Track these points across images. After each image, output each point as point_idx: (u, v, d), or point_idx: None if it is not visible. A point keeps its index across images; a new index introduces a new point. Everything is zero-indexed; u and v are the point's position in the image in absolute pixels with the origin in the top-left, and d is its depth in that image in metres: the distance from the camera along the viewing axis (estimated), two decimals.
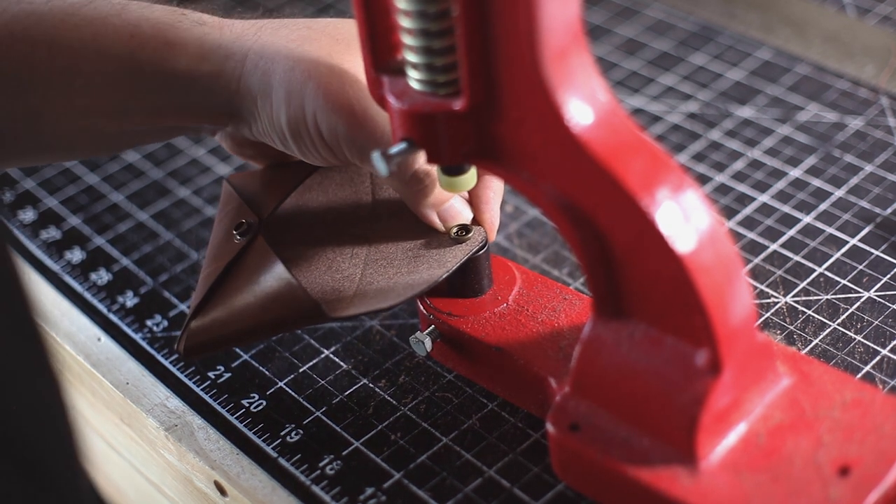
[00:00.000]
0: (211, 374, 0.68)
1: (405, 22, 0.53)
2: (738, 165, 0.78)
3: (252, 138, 0.64)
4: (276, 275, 0.62)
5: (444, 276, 0.62)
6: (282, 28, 0.62)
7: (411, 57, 0.54)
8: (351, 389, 0.66)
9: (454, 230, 0.64)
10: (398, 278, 0.62)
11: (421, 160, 0.56)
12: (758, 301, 0.68)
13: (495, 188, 0.65)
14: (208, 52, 0.61)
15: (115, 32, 0.61)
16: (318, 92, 0.59)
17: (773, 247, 0.72)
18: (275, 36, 0.62)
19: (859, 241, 0.71)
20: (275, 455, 0.63)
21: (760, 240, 0.72)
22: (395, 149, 0.55)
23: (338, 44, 0.61)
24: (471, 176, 0.60)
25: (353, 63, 0.60)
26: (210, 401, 0.66)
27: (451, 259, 0.63)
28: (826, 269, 0.70)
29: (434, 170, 0.61)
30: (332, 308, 0.61)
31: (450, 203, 0.64)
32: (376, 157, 0.55)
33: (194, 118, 0.64)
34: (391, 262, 0.63)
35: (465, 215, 0.64)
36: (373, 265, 0.63)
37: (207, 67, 0.61)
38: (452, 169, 0.59)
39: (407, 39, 0.53)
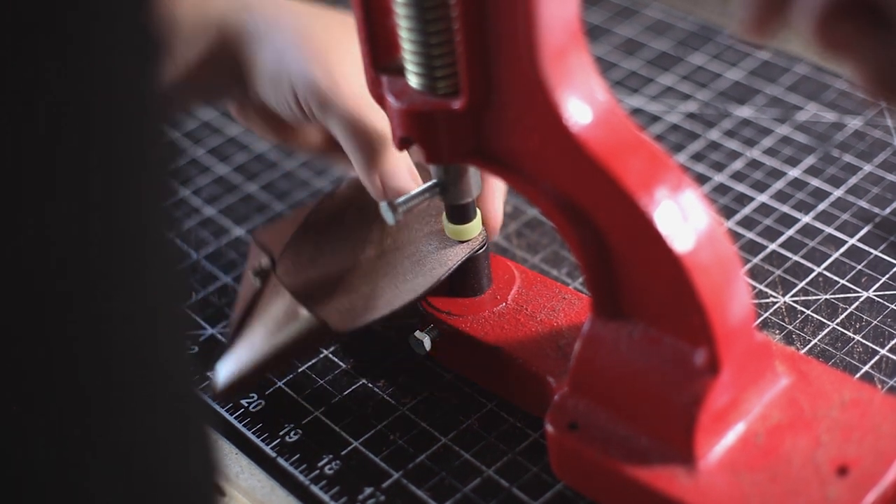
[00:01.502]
0: (210, 375, 0.68)
1: (404, 21, 0.53)
2: (737, 165, 0.78)
3: (255, 98, 0.67)
4: (283, 303, 0.63)
5: (445, 275, 0.62)
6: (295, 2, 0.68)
7: (410, 56, 0.54)
8: (350, 389, 0.66)
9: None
10: (404, 285, 0.62)
11: (374, 117, 0.61)
12: (756, 301, 0.68)
13: (497, 186, 0.66)
14: (236, 6, 0.65)
15: None
16: (306, 57, 0.63)
17: (772, 246, 0.72)
18: (293, 3, 0.67)
19: (858, 240, 0.71)
20: (274, 455, 0.63)
21: (759, 239, 0.72)
22: (401, 199, 0.57)
23: (343, 24, 0.65)
24: (476, 223, 0.62)
25: (349, 46, 0.63)
26: (209, 401, 0.66)
27: (453, 257, 0.63)
28: (825, 268, 0.70)
29: (387, 135, 0.62)
30: (338, 324, 0.62)
31: (394, 168, 0.63)
32: (384, 207, 0.58)
33: (210, 74, 0.66)
34: (398, 271, 0.63)
35: (407, 184, 0.63)
36: (382, 279, 0.63)
37: (231, 21, 0.65)
38: (458, 218, 0.62)
39: (406, 39, 0.53)
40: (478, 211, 0.63)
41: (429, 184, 0.59)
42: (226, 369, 0.64)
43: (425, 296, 0.63)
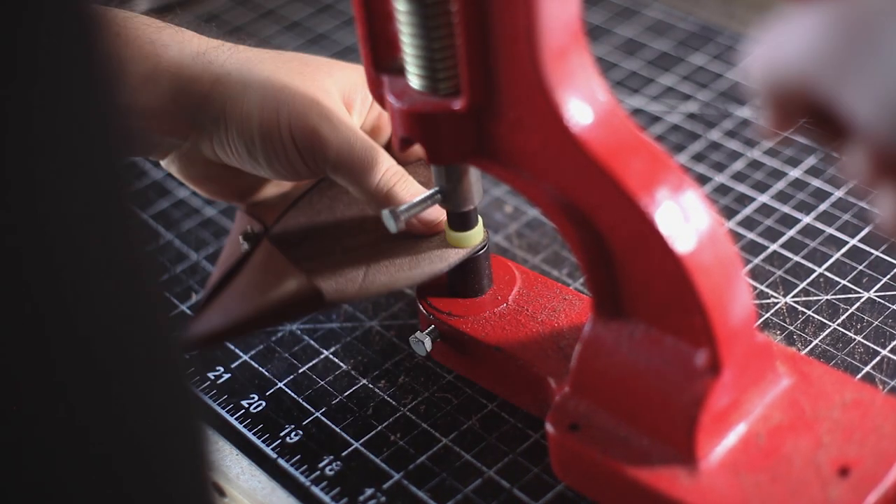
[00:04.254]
0: (210, 375, 0.68)
1: (404, 22, 0.53)
2: (738, 166, 0.78)
3: (211, 155, 0.64)
4: (276, 265, 0.63)
5: (444, 270, 0.62)
6: (255, 48, 0.65)
7: (411, 57, 0.54)
8: (350, 390, 0.66)
9: None
10: (400, 275, 0.63)
11: (385, 160, 0.60)
12: (757, 301, 0.68)
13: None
14: (189, 56, 0.62)
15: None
16: (295, 101, 0.61)
17: (773, 247, 0.72)
18: (250, 51, 0.64)
19: (859, 241, 0.71)
20: (274, 456, 0.63)
21: (760, 240, 0.72)
22: (403, 207, 0.57)
23: (307, 65, 0.63)
24: (478, 230, 0.62)
25: (323, 80, 0.62)
26: (210, 401, 0.66)
27: (454, 255, 0.63)
28: (826, 269, 0.70)
29: (397, 166, 0.62)
30: (332, 295, 0.62)
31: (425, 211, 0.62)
32: (386, 214, 0.58)
33: (161, 124, 0.63)
34: (393, 261, 0.63)
35: (441, 213, 0.63)
36: (376, 266, 0.63)
37: (187, 72, 0.62)
38: (459, 225, 0.62)
39: (406, 39, 0.53)
40: (479, 218, 0.63)
41: (430, 192, 0.59)
42: (204, 320, 0.63)
43: (420, 283, 0.64)
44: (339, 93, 0.63)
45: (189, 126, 0.63)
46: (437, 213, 0.63)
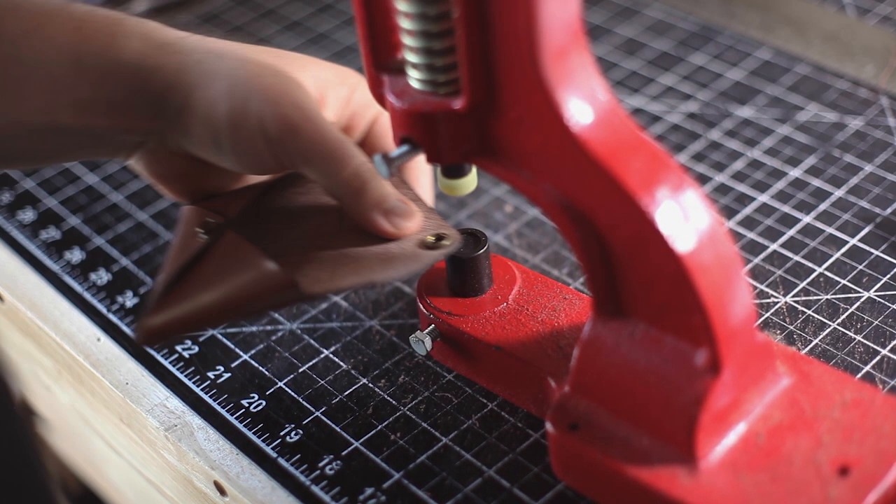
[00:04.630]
0: (210, 374, 0.68)
1: (405, 22, 0.53)
2: (738, 165, 0.78)
3: (175, 147, 0.62)
4: (247, 256, 0.60)
5: (420, 270, 0.60)
6: (223, 39, 0.63)
7: (411, 56, 0.54)
8: (350, 389, 0.66)
9: (429, 239, 0.60)
10: (374, 275, 0.60)
11: (358, 154, 0.57)
12: (757, 301, 0.68)
13: (421, 167, 0.65)
14: (153, 46, 0.61)
15: (61, 25, 0.61)
16: (267, 90, 0.59)
17: (773, 247, 0.72)
18: (220, 42, 0.62)
19: (859, 241, 0.71)
20: (274, 455, 0.63)
21: (760, 240, 0.72)
22: (396, 151, 0.55)
23: (280, 58, 0.62)
24: (472, 178, 0.59)
25: (297, 73, 0.61)
26: (210, 401, 0.66)
27: (429, 257, 0.60)
28: (826, 269, 0.70)
29: (370, 163, 0.59)
30: (306, 287, 0.58)
31: (394, 202, 0.60)
32: (378, 159, 0.55)
33: (124, 118, 0.61)
34: (363, 263, 0.60)
35: (415, 215, 0.60)
36: (348, 262, 0.60)
37: (150, 61, 0.60)
38: (452, 170, 0.59)
39: (407, 39, 0.53)
40: (473, 168, 0.59)
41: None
42: (162, 310, 0.59)
43: (398, 279, 0.62)
44: (312, 87, 0.61)
45: (154, 118, 0.61)
46: (410, 215, 0.60)
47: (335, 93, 0.63)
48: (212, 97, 0.59)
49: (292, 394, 0.66)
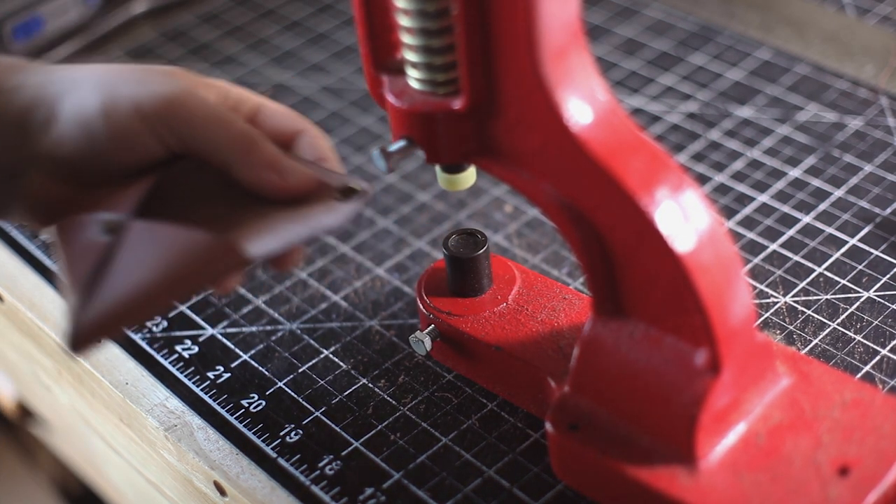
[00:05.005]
0: (210, 375, 0.68)
1: (405, 21, 0.53)
2: (738, 165, 0.78)
3: (49, 165, 0.59)
4: (175, 235, 0.58)
5: (344, 224, 0.58)
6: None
7: (411, 56, 0.54)
8: (350, 389, 0.66)
9: (338, 193, 0.58)
10: (311, 225, 0.58)
11: (240, 119, 0.56)
12: (757, 301, 0.68)
13: (317, 142, 0.62)
14: (12, 70, 0.59)
15: None
16: (137, 80, 0.57)
17: (773, 247, 0.72)
18: (72, 65, 0.60)
19: (859, 240, 0.71)
20: (274, 455, 0.63)
21: (760, 240, 0.72)
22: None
23: (144, 69, 0.60)
24: (471, 173, 0.59)
25: (167, 71, 0.59)
26: (209, 401, 0.66)
27: (345, 209, 0.58)
28: (826, 268, 0.70)
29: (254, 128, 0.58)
30: (248, 249, 0.56)
31: (282, 158, 0.58)
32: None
33: None
34: (286, 222, 0.58)
35: (303, 168, 0.58)
36: (270, 227, 0.58)
37: (10, 84, 0.58)
38: (452, 166, 0.59)
39: (406, 39, 0.53)
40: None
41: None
42: (90, 307, 0.56)
43: (333, 232, 0.59)
44: (184, 79, 0.59)
45: (19, 136, 0.58)
46: (298, 168, 0.58)
47: (209, 88, 0.60)
48: (80, 98, 0.57)
49: (292, 394, 0.66)
